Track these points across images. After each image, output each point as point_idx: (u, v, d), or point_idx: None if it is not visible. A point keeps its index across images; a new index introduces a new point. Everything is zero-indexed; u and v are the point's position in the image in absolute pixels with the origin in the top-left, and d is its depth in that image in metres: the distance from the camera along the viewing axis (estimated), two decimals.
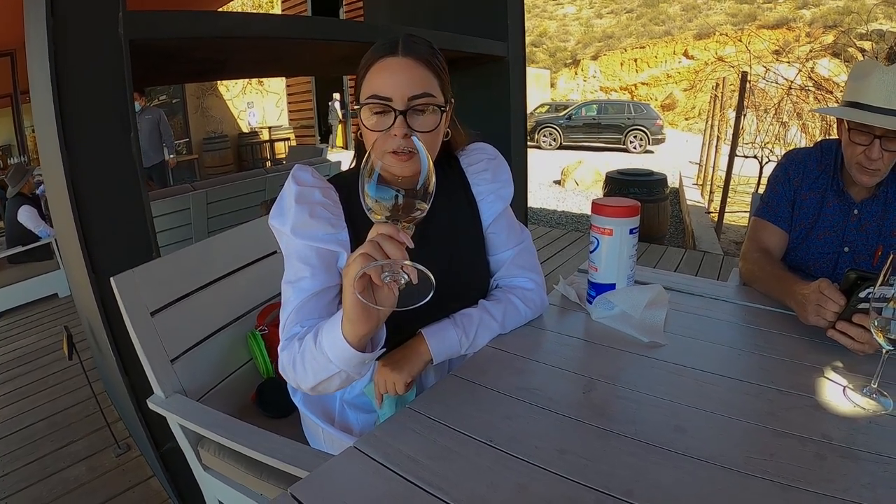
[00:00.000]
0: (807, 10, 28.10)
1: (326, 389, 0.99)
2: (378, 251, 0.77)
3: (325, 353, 0.90)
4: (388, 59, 1.02)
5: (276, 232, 1.10)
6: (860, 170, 1.46)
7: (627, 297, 1.28)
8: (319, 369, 0.93)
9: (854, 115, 1.41)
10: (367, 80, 1.03)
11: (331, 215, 1.07)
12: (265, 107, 12.33)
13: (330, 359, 0.90)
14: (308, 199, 1.06)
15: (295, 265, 1.05)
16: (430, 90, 1.02)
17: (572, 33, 35.33)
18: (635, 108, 16.41)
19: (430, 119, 1.03)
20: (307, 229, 1.05)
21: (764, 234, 1.69)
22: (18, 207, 4.55)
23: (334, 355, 0.89)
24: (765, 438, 0.85)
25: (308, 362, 0.95)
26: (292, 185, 1.08)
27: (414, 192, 0.78)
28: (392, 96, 1.00)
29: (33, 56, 1.77)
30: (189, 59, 2.24)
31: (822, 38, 17.05)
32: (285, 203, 1.08)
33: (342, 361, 0.89)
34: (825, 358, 1.10)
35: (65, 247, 2.26)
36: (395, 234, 0.77)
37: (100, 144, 1.64)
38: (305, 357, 0.95)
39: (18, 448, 2.52)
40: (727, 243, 5.99)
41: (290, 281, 1.05)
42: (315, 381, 0.96)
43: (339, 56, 2.83)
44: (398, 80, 1.00)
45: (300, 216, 1.05)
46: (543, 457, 0.82)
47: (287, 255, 1.08)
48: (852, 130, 1.45)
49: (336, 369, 0.91)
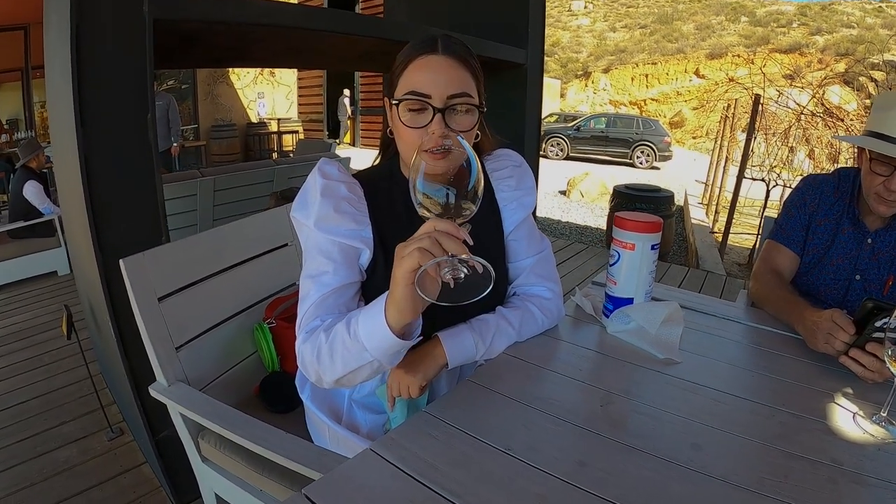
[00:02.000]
0: (820, 36, 28.27)
1: (350, 382, 0.99)
2: (436, 247, 0.77)
3: (361, 342, 0.90)
4: (428, 57, 1.02)
5: (296, 224, 1.08)
6: (878, 200, 1.46)
7: (644, 313, 1.27)
8: (351, 359, 0.92)
9: (876, 145, 1.41)
10: (406, 76, 1.03)
11: (356, 211, 1.05)
12: (275, 98, 12.30)
13: (366, 347, 0.89)
14: (334, 192, 1.05)
15: (316, 259, 1.04)
16: (468, 90, 1.02)
17: (585, 45, 35.47)
18: (644, 124, 16.41)
19: (467, 119, 1.03)
20: (331, 223, 1.03)
21: (776, 256, 1.69)
22: (25, 182, 4.52)
23: (372, 344, 0.89)
24: (778, 460, 0.85)
25: (338, 352, 0.93)
26: (318, 178, 1.06)
27: (465, 193, 0.78)
28: (431, 94, 0.99)
29: (53, 30, 1.75)
30: (211, 44, 2.22)
31: (834, 65, 17.11)
32: (309, 195, 1.06)
33: (380, 350, 0.89)
34: (835, 384, 1.10)
35: (71, 224, 2.24)
36: (455, 231, 0.77)
37: (116, 123, 1.62)
38: (335, 347, 0.94)
39: (10, 425, 2.50)
40: (730, 264, 5.98)
41: (311, 275, 1.03)
42: (343, 371, 0.95)
43: (360, 52, 2.82)
44: (438, 78, 1.00)
45: (325, 210, 1.03)
46: (563, 468, 0.80)
47: (308, 249, 1.07)
48: (873, 160, 1.45)
49: (370, 358, 0.91)
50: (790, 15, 32.53)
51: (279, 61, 4.04)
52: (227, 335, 1.52)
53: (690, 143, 23.59)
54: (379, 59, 2.87)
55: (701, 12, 35.77)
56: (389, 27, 2.50)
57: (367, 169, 1.21)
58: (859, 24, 29.73)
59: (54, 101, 2.06)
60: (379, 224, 1.07)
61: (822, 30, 29.40)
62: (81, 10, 1.50)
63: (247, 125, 11.60)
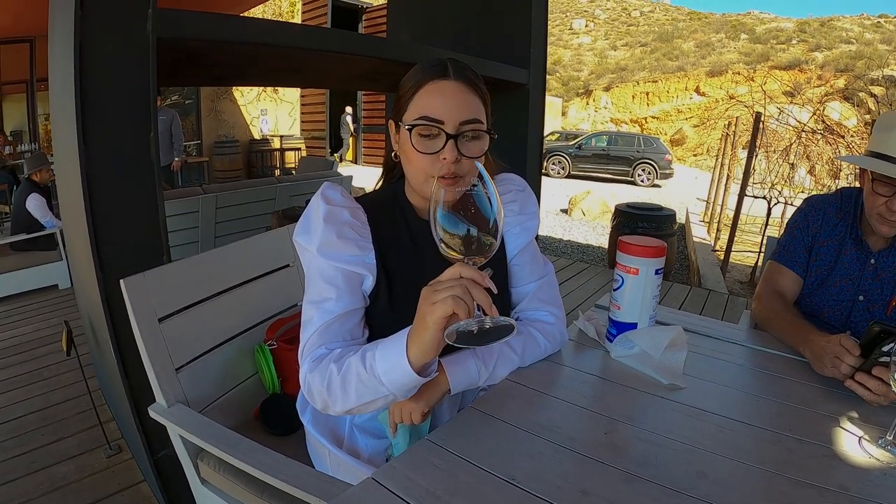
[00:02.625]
0: (819, 52, 28.45)
1: (361, 412, 1.00)
2: (468, 295, 0.79)
3: (378, 377, 0.90)
4: (440, 82, 1.02)
5: (299, 249, 1.08)
6: (881, 220, 1.47)
7: (648, 338, 1.26)
8: (366, 392, 0.93)
9: (877, 165, 1.42)
10: (416, 100, 1.03)
11: (359, 237, 1.05)
12: (278, 115, 12.37)
13: (383, 382, 0.90)
14: (337, 218, 1.04)
15: (319, 285, 1.03)
16: (479, 116, 1.03)
17: (586, 63, 35.71)
18: (645, 142, 16.49)
19: (478, 145, 1.03)
20: (334, 250, 1.03)
21: (779, 277, 1.69)
22: (28, 194, 4.53)
23: (390, 379, 0.90)
24: (784, 487, 0.83)
25: (352, 385, 0.93)
26: (322, 204, 1.06)
27: (487, 228, 0.80)
28: (444, 119, 1.00)
29: (57, 46, 1.76)
30: (213, 62, 2.23)
31: (833, 81, 17.19)
32: (312, 221, 1.06)
33: (397, 385, 0.90)
34: (840, 407, 1.09)
35: (73, 243, 2.23)
36: (482, 280, 0.80)
37: (119, 141, 1.62)
38: (348, 380, 0.94)
39: (8, 439, 2.48)
40: (732, 282, 5.96)
41: (314, 301, 1.03)
42: (357, 403, 0.95)
43: (361, 72, 2.83)
44: (450, 105, 1.00)
45: (327, 236, 1.03)
46: (567, 498, 0.79)
47: (310, 275, 1.06)
48: (875, 181, 1.45)
49: (386, 392, 0.92)
50: (789, 32, 32.78)
51: (281, 80, 4.07)
52: (227, 356, 1.51)
53: (692, 160, 23.67)
54: (381, 80, 2.89)
55: (701, 30, 36.06)
56: (392, 47, 2.51)
57: (371, 193, 1.21)
58: (858, 39, 29.94)
59: (57, 116, 2.07)
60: (382, 249, 1.07)
61: (822, 46, 29.60)
62: (85, 27, 1.50)
63: (249, 142, 11.65)
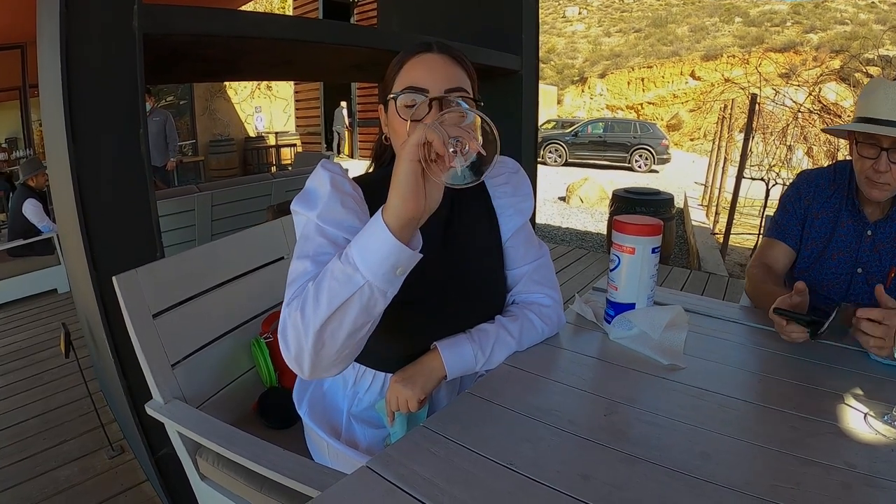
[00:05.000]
0: (814, 34, 28.40)
1: (335, 333, 0.86)
2: (440, 129, 0.77)
3: (353, 262, 0.82)
4: (424, 55, 1.03)
5: (296, 217, 1.03)
6: (869, 184, 1.47)
7: (647, 318, 1.24)
8: (338, 290, 0.82)
9: (860, 127, 1.43)
10: (402, 74, 1.03)
11: (359, 209, 1.02)
12: (273, 112, 12.32)
13: (357, 267, 0.81)
14: (341, 188, 1.01)
15: (317, 240, 0.97)
16: (463, 86, 1.03)
17: (580, 51, 35.63)
18: (641, 128, 16.46)
19: None
20: (337, 216, 0.98)
21: (770, 251, 1.70)
22: (24, 200, 4.53)
23: (365, 259, 0.81)
24: (790, 466, 0.82)
25: (324, 288, 0.84)
26: (325, 173, 1.03)
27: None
28: (429, 88, 1.00)
29: (44, 45, 1.74)
30: (202, 57, 2.20)
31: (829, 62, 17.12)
32: (317, 189, 1.02)
33: (374, 266, 0.81)
34: (844, 384, 1.07)
35: (67, 242, 2.22)
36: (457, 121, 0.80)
37: (108, 140, 1.60)
38: (322, 283, 0.84)
39: (10, 444, 2.47)
40: (732, 265, 5.95)
41: (308, 255, 0.95)
42: (328, 312, 0.83)
43: (352, 63, 2.80)
44: (435, 74, 1.01)
45: (332, 203, 0.99)
46: (567, 482, 0.77)
47: (306, 236, 0.99)
48: (860, 144, 1.46)
49: (361, 282, 0.81)
50: (784, 14, 32.71)
51: (272, 74, 4.03)
52: (223, 351, 1.50)
53: (688, 145, 23.65)
54: (373, 70, 2.86)
55: (695, 14, 35.94)
56: (383, 37, 2.49)
57: (364, 174, 1.19)
58: (853, 20, 29.86)
59: (47, 118, 2.05)
60: None
61: (816, 27, 29.53)
62: (70, 25, 1.48)
63: (245, 139, 11.61)
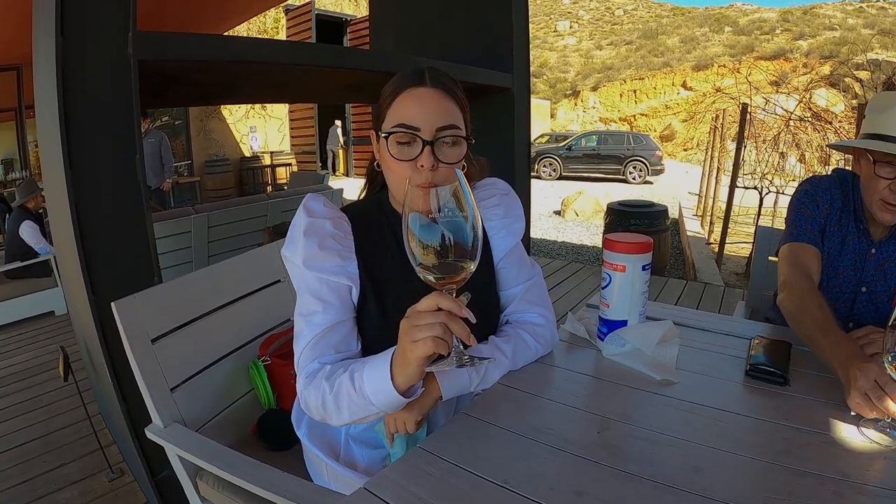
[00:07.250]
0: (803, 41, 28.64)
1: (359, 423, 1.04)
2: (447, 333, 0.82)
3: (367, 398, 0.93)
4: (416, 90, 1.03)
5: (287, 263, 1.09)
6: (883, 207, 1.39)
7: (639, 334, 1.26)
8: (357, 410, 0.96)
9: (879, 145, 1.35)
10: (394, 108, 1.04)
11: (341, 247, 1.06)
12: (268, 132, 12.38)
13: (372, 402, 0.93)
14: (318, 230, 1.05)
15: (307, 299, 1.04)
16: (456, 122, 1.04)
17: (572, 64, 35.88)
18: (635, 139, 16.56)
19: (456, 151, 1.04)
20: (317, 261, 1.03)
21: (804, 256, 1.51)
22: (21, 222, 4.54)
23: (378, 400, 0.93)
24: (782, 478, 0.83)
25: (344, 404, 0.97)
26: (303, 217, 1.07)
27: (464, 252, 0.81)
28: (420, 126, 1.01)
29: (40, 72, 1.77)
30: (195, 82, 2.24)
31: (819, 68, 17.26)
32: (296, 234, 1.07)
33: (386, 405, 0.93)
34: (837, 393, 1.07)
35: (65, 267, 2.23)
36: (459, 311, 0.82)
37: (105, 165, 1.63)
38: (341, 399, 0.97)
39: (11, 467, 2.47)
40: (727, 274, 5.98)
41: (303, 314, 1.04)
42: (350, 419, 0.99)
43: (345, 84, 2.84)
44: (427, 111, 1.01)
45: (310, 248, 1.04)
46: (561, 500, 0.78)
47: (298, 288, 1.07)
48: (877, 163, 1.37)
49: (376, 410, 0.95)
50: (773, 22, 32.99)
51: (266, 96, 4.07)
52: (222, 374, 1.51)
53: (682, 155, 23.76)
54: (366, 91, 2.90)
55: (685, 25, 36.30)
56: (374, 59, 2.53)
57: (356, 202, 1.21)
58: (841, 25, 30.13)
59: (44, 142, 2.07)
60: (367, 258, 1.07)
61: (805, 34, 29.79)
62: (67, 52, 1.51)
63: (240, 159, 11.65)
